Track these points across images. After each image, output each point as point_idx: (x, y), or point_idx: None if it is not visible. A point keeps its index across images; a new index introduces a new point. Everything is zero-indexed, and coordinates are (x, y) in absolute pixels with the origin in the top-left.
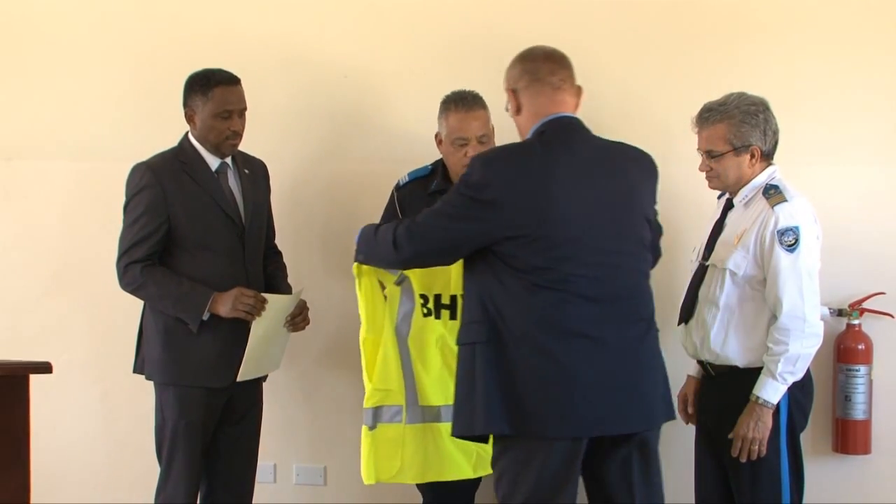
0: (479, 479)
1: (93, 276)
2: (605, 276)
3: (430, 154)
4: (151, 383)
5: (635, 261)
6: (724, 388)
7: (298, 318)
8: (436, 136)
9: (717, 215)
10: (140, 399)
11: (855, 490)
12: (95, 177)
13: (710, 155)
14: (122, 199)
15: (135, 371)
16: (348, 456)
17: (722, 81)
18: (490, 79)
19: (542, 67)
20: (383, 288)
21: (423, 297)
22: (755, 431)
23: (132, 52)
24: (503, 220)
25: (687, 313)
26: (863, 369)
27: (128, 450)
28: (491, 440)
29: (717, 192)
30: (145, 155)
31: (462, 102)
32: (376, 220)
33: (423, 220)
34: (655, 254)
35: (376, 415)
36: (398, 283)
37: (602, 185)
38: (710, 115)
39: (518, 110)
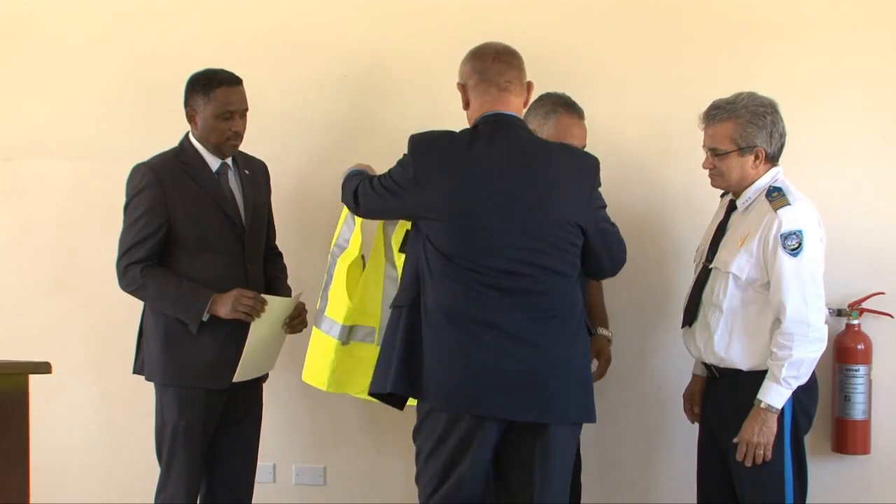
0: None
1: (93, 276)
2: (514, 271)
3: None
4: (151, 384)
5: (550, 260)
6: (729, 391)
7: (297, 321)
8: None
9: (721, 216)
10: (140, 400)
11: (854, 490)
12: (95, 177)
13: (714, 153)
14: (123, 199)
15: (134, 372)
16: (348, 456)
17: (722, 80)
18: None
19: (490, 68)
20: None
21: None
22: (760, 436)
23: (132, 52)
24: (421, 200)
25: (690, 316)
26: (862, 369)
27: (127, 450)
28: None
29: (719, 192)
30: (145, 155)
31: (573, 108)
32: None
33: (372, 184)
34: (607, 262)
35: (351, 332)
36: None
37: (517, 183)
38: (717, 113)
39: (467, 105)
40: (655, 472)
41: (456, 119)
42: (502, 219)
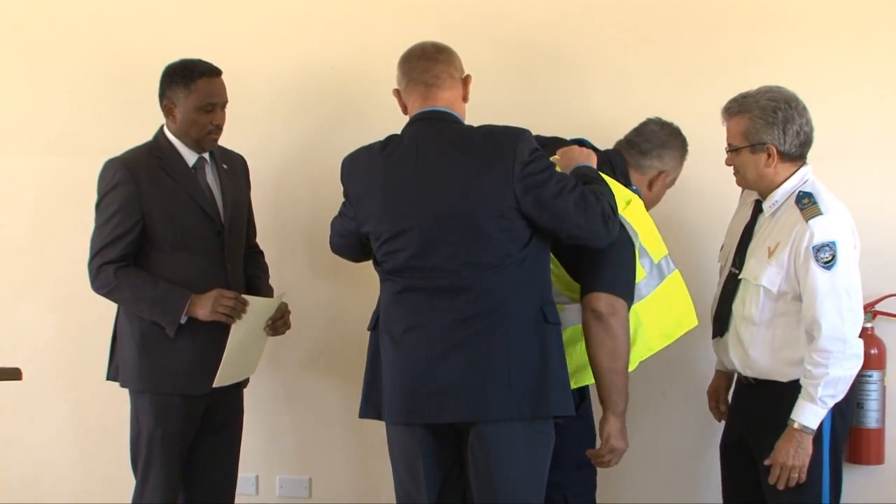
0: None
1: (64, 277)
2: (436, 269)
3: None
4: (126, 391)
5: (473, 253)
6: (764, 398)
7: (279, 322)
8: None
9: (747, 217)
10: (114, 407)
11: (867, 501)
12: (67, 173)
13: (729, 148)
14: (95, 196)
15: (108, 378)
16: (334, 466)
17: (738, 73)
18: (485, 68)
19: (416, 67)
20: None
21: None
22: (795, 459)
23: (105, 41)
24: (359, 219)
25: (721, 327)
26: (875, 375)
27: (102, 460)
28: None
29: (739, 189)
30: (119, 150)
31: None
32: None
33: (338, 216)
34: (577, 230)
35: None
36: None
37: (429, 179)
38: (731, 106)
39: (405, 109)
40: (658, 476)
41: None
42: (419, 217)
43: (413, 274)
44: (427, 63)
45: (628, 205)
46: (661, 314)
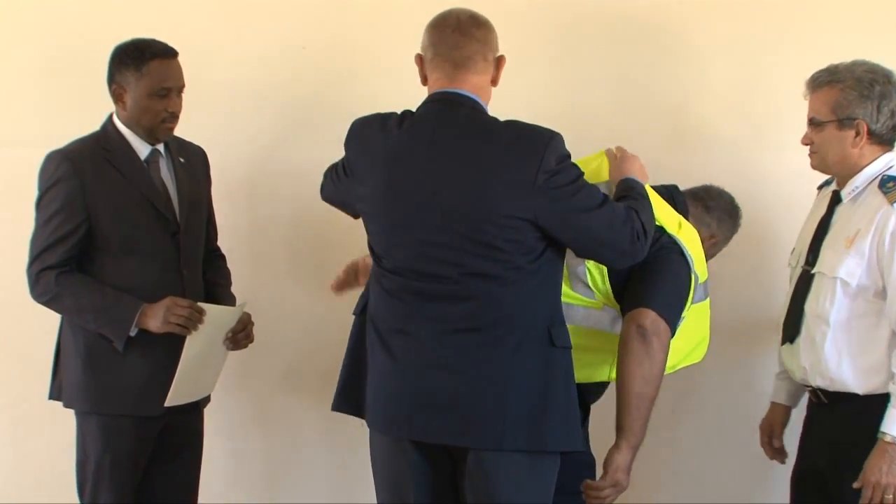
0: None
1: (1, 283)
2: (434, 273)
3: None
4: (71, 412)
5: (477, 262)
6: (841, 419)
7: (241, 335)
8: None
9: (822, 211)
10: (58, 430)
11: None
12: (2, 166)
13: (811, 123)
14: (35, 193)
15: (51, 397)
16: (307, 495)
17: (826, 49)
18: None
19: (446, 40)
20: None
21: None
22: (889, 476)
23: (47, 20)
24: (353, 191)
25: (792, 330)
26: None
27: (44, 489)
28: None
29: (817, 183)
30: (62, 141)
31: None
32: (343, 216)
33: (334, 166)
34: (599, 250)
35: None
36: None
37: (441, 171)
38: (819, 76)
39: (425, 80)
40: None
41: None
42: (423, 212)
43: (408, 275)
44: (459, 38)
45: (680, 227)
46: (683, 336)
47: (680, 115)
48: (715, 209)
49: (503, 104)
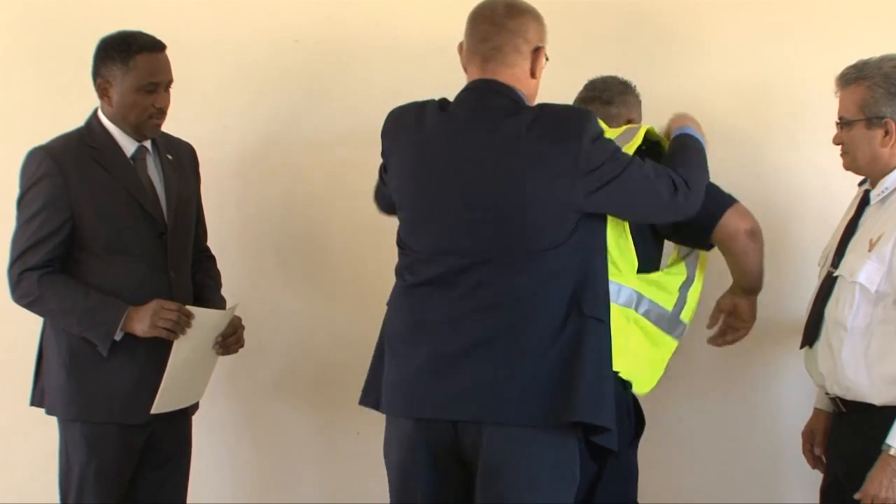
0: None
1: None
2: (466, 261)
3: None
4: (54, 419)
5: (507, 244)
6: (858, 429)
7: (231, 339)
8: None
9: (852, 211)
10: (40, 438)
11: None
12: None
13: (841, 122)
14: (16, 191)
15: (32, 404)
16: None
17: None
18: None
19: (477, 31)
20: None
21: None
22: (889, 491)
23: (29, 10)
24: (391, 183)
25: (811, 335)
26: None
27: (26, 500)
28: None
29: (857, 180)
30: (44, 137)
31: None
32: (339, 216)
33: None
34: (658, 212)
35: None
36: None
37: (474, 158)
38: (848, 73)
39: (465, 69)
40: None
41: (427, 92)
42: (454, 198)
43: (435, 259)
44: (489, 29)
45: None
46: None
47: (690, 112)
48: (614, 96)
49: None
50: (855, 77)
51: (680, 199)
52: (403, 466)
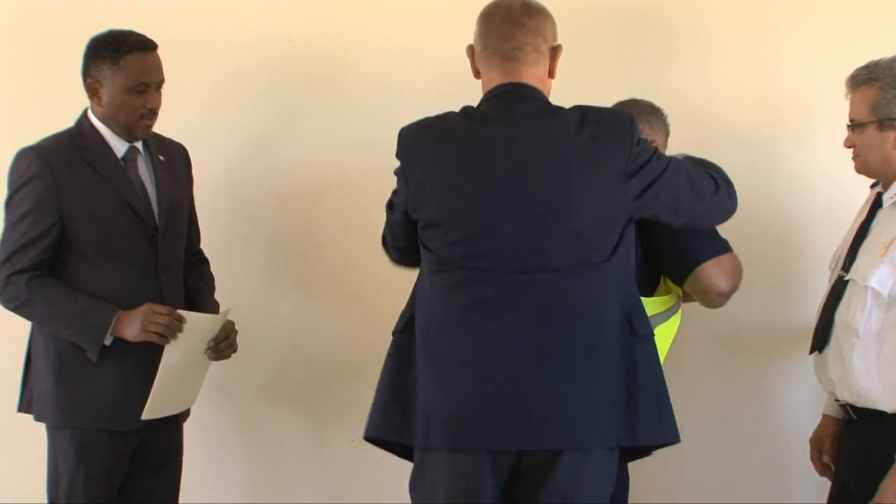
0: None
1: None
2: (526, 271)
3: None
4: (42, 425)
5: (564, 255)
6: (869, 437)
7: (223, 344)
8: None
9: (864, 214)
10: (28, 445)
11: None
12: None
13: (852, 125)
14: (4, 193)
15: (20, 410)
16: None
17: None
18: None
19: (495, 31)
20: None
21: None
22: None
23: (20, 10)
24: (415, 201)
25: (821, 340)
26: None
27: None
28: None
29: (868, 182)
30: (33, 137)
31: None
32: (333, 219)
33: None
34: (698, 214)
35: None
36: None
37: (525, 167)
38: (859, 74)
39: (477, 73)
40: None
41: (423, 92)
42: (511, 211)
43: (498, 276)
44: (509, 29)
45: None
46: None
47: (697, 114)
48: (640, 114)
49: None
50: (866, 78)
51: (722, 195)
52: (466, 498)
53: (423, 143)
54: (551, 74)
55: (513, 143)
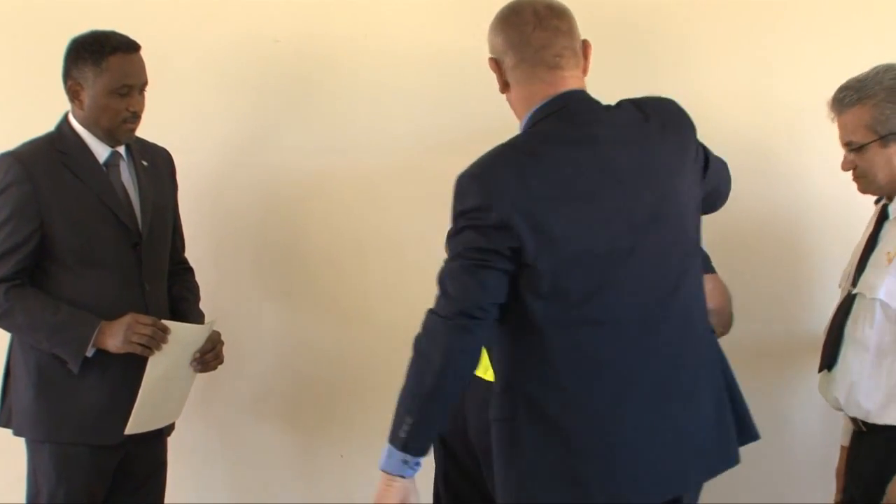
0: None
1: None
2: (649, 296)
3: (392, 143)
4: (21, 440)
5: (681, 267)
6: (879, 452)
7: (210, 355)
8: None
9: (871, 227)
10: (7, 460)
11: None
12: None
13: (850, 147)
14: None
15: None
16: None
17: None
18: (472, 45)
19: (531, 41)
20: None
21: None
22: None
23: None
24: (528, 242)
25: (829, 358)
26: None
27: None
28: None
29: (872, 197)
30: (12, 142)
31: None
32: (322, 226)
33: (451, 271)
34: (723, 195)
35: None
36: None
37: (631, 180)
38: (845, 96)
39: (505, 87)
40: None
41: (415, 94)
42: (635, 231)
43: (625, 309)
44: (544, 35)
45: None
46: None
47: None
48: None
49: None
50: (856, 99)
51: (726, 165)
52: None
53: (503, 181)
54: (585, 72)
55: (606, 158)
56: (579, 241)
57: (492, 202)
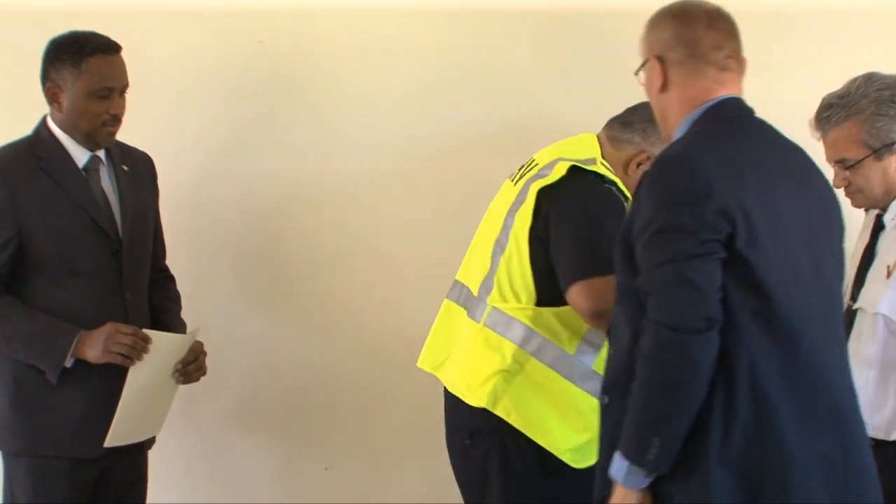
0: None
1: None
2: (835, 309)
3: (376, 147)
4: None
5: (841, 292)
6: (889, 465)
7: (192, 366)
8: None
9: (866, 238)
10: None
11: None
12: None
13: (843, 165)
14: None
15: None
16: None
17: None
18: (469, 47)
19: (704, 39)
20: None
21: None
22: None
23: None
24: (741, 229)
25: None
26: None
27: None
28: None
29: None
30: None
31: None
32: (305, 233)
33: (690, 261)
34: None
35: None
36: None
37: (808, 194)
38: (831, 114)
39: (664, 86)
40: None
41: (399, 98)
42: (813, 240)
43: (818, 321)
44: (718, 36)
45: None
46: None
47: None
48: (636, 122)
49: (500, 113)
50: (844, 116)
51: None
52: None
53: (734, 168)
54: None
55: (787, 167)
56: (766, 241)
57: (711, 184)
